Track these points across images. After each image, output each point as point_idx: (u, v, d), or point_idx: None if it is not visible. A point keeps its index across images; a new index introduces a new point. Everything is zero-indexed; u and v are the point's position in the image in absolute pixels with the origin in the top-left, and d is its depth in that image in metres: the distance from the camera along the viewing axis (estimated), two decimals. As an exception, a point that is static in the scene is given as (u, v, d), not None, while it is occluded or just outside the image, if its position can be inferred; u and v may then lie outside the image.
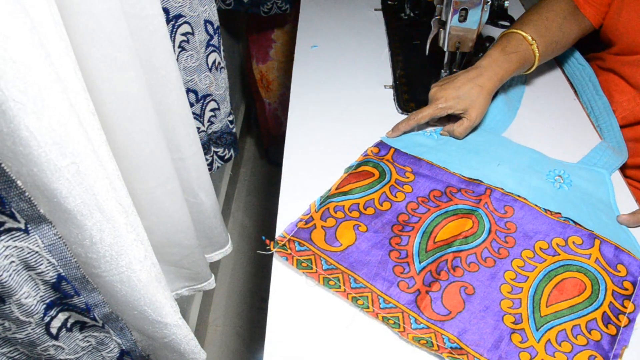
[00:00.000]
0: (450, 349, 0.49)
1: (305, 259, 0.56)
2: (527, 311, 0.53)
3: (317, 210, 0.62)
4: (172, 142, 0.59)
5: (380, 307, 0.53)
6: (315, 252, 0.57)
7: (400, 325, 0.51)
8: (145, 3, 0.47)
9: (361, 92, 0.85)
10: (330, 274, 0.55)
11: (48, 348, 0.43)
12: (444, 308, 0.53)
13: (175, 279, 0.70)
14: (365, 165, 0.68)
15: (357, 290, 0.54)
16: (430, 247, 0.58)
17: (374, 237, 0.59)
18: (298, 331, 0.52)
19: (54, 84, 0.33)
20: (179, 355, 0.56)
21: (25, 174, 0.34)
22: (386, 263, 0.57)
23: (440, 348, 0.50)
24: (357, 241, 0.59)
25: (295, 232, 0.59)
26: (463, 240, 0.59)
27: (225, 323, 1.35)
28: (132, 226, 0.43)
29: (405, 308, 0.53)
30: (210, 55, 0.74)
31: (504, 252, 0.58)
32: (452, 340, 0.50)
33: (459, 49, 0.77)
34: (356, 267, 0.56)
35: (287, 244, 0.58)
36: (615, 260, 0.57)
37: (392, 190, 0.65)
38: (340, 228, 0.60)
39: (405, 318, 0.52)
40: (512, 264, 0.57)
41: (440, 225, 0.60)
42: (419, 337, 0.50)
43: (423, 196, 0.64)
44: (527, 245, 0.59)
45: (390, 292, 0.54)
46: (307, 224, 0.60)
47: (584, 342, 0.50)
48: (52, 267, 0.40)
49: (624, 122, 0.77)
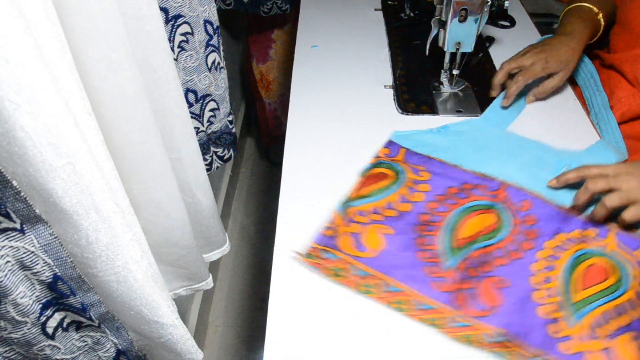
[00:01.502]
0: (494, 343, 0.50)
1: (336, 267, 0.56)
2: (561, 300, 0.53)
3: (340, 216, 0.62)
4: (170, 142, 0.59)
5: (417, 309, 0.53)
6: (347, 260, 0.57)
7: (440, 325, 0.52)
8: (142, 4, 0.47)
9: (361, 92, 0.85)
10: (364, 280, 0.55)
11: (44, 348, 0.43)
12: (482, 304, 0.53)
13: (173, 279, 0.70)
14: (378, 167, 0.68)
15: (393, 295, 0.54)
16: (456, 245, 0.59)
17: (400, 240, 0.59)
18: (298, 331, 0.52)
19: (49, 84, 0.33)
20: (175, 355, 0.56)
21: (20, 174, 0.34)
22: (416, 264, 0.57)
23: (483, 343, 0.50)
24: (384, 245, 0.59)
25: (323, 241, 0.59)
26: (486, 236, 0.59)
27: (225, 323, 1.35)
28: (128, 226, 0.43)
29: (444, 308, 0.53)
30: (210, 55, 0.74)
31: (528, 244, 0.59)
32: (493, 334, 0.51)
33: (459, 49, 0.77)
34: (389, 272, 0.56)
35: (316, 253, 0.58)
36: (634, 244, 0.58)
37: (410, 191, 0.65)
38: (366, 233, 0.60)
39: (445, 317, 0.52)
40: (538, 255, 0.57)
41: (462, 222, 0.61)
42: (461, 335, 0.51)
43: (441, 194, 0.65)
44: (549, 237, 0.59)
45: (425, 293, 0.54)
46: (332, 231, 0.60)
47: (616, 326, 0.51)
48: (48, 267, 0.40)
49: (622, 118, 0.77)
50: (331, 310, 0.54)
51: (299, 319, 0.53)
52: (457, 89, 0.84)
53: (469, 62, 0.86)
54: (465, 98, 0.83)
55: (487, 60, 0.91)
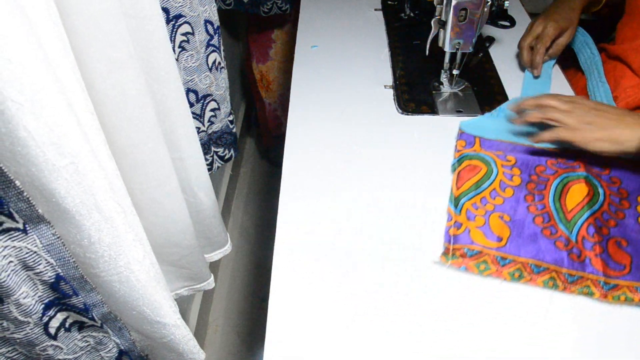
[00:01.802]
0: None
1: (481, 261, 0.58)
2: None
3: (457, 213, 0.63)
4: (172, 142, 0.59)
5: (569, 281, 0.56)
6: (487, 252, 0.58)
7: (594, 292, 0.55)
8: (144, 3, 0.47)
9: (361, 92, 0.85)
10: (511, 268, 0.57)
11: (46, 348, 0.43)
12: (618, 264, 0.56)
13: (175, 279, 0.70)
14: (466, 160, 0.69)
15: (541, 275, 0.57)
16: (567, 218, 0.61)
17: (518, 222, 0.62)
18: (298, 331, 0.52)
19: (52, 84, 0.33)
20: (177, 356, 0.56)
21: (23, 174, 0.34)
22: (540, 237, 0.60)
23: (634, 300, 0.54)
24: (509, 231, 0.61)
25: (455, 240, 0.60)
26: (589, 204, 0.62)
27: (225, 323, 1.35)
28: (130, 226, 0.43)
29: (589, 275, 0.56)
30: (211, 55, 0.74)
31: (626, 203, 0.63)
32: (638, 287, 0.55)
33: (459, 49, 0.77)
34: (528, 252, 0.58)
35: (455, 253, 0.59)
36: None
37: (506, 176, 0.67)
38: (489, 224, 0.62)
39: (593, 284, 0.55)
40: (638, 209, 0.62)
41: (563, 197, 0.64)
42: (617, 295, 0.54)
43: (533, 174, 0.67)
44: (638, 192, 0.64)
45: (568, 266, 0.57)
46: (459, 228, 0.61)
47: None
48: (50, 267, 0.40)
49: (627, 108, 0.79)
50: (331, 310, 0.54)
51: (299, 319, 0.53)
52: (457, 89, 0.85)
53: (469, 62, 0.86)
54: (465, 98, 0.83)
55: (487, 60, 0.92)
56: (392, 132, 0.76)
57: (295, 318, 0.54)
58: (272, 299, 0.55)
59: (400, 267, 0.58)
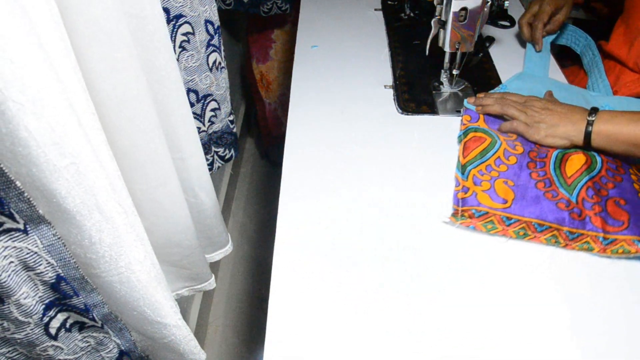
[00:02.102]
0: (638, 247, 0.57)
1: (488, 221, 0.61)
2: None
3: (465, 179, 0.66)
4: (173, 142, 0.59)
5: (569, 238, 0.59)
6: (493, 213, 0.62)
7: (594, 248, 0.58)
8: (145, 3, 0.47)
9: (361, 92, 0.85)
10: (516, 227, 0.61)
11: (47, 348, 0.43)
12: (617, 221, 0.59)
13: (176, 279, 0.70)
14: (471, 132, 0.72)
15: (544, 233, 0.60)
16: (567, 182, 0.64)
17: (522, 187, 0.64)
18: (298, 331, 0.52)
19: (53, 84, 0.33)
20: (178, 356, 0.56)
21: (24, 174, 0.34)
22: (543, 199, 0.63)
23: (634, 251, 0.56)
24: (513, 194, 0.64)
25: (464, 202, 0.63)
26: (587, 170, 0.65)
27: (225, 323, 1.35)
28: (131, 226, 0.43)
29: (589, 232, 0.59)
30: (211, 55, 0.74)
31: (621, 170, 0.66)
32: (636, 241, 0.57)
33: (459, 49, 0.77)
34: (532, 213, 0.61)
35: (464, 214, 0.62)
36: None
37: (510, 145, 0.70)
38: (495, 188, 0.64)
39: (593, 240, 0.58)
40: (632, 177, 0.65)
41: (562, 166, 0.67)
42: (615, 249, 0.57)
43: (534, 148, 0.70)
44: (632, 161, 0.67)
45: (569, 225, 0.60)
46: (467, 192, 0.64)
47: None
48: (51, 268, 0.40)
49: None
50: (331, 310, 0.54)
51: (299, 319, 0.53)
52: (457, 89, 0.85)
53: (469, 62, 0.86)
54: (465, 98, 0.83)
55: (487, 60, 0.92)
56: (392, 132, 0.76)
57: (295, 318, 0.54)
58: (272, 299, 0.55)
59: (400, 267, 0.58)
